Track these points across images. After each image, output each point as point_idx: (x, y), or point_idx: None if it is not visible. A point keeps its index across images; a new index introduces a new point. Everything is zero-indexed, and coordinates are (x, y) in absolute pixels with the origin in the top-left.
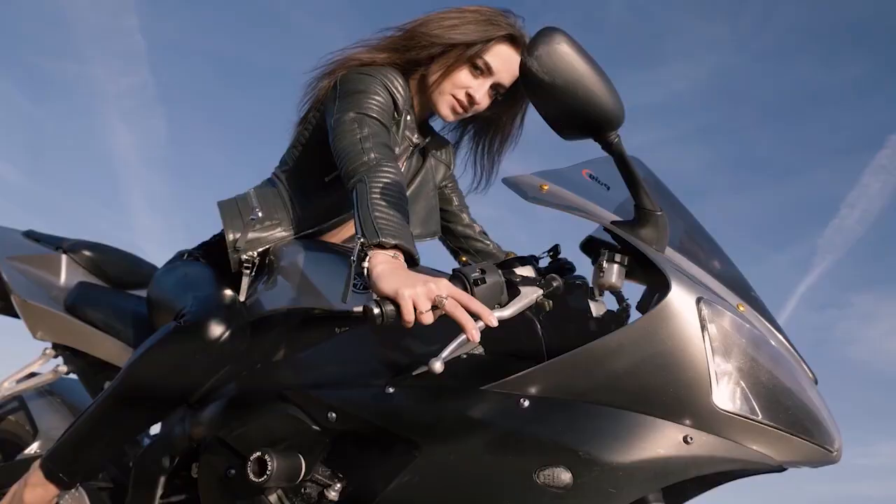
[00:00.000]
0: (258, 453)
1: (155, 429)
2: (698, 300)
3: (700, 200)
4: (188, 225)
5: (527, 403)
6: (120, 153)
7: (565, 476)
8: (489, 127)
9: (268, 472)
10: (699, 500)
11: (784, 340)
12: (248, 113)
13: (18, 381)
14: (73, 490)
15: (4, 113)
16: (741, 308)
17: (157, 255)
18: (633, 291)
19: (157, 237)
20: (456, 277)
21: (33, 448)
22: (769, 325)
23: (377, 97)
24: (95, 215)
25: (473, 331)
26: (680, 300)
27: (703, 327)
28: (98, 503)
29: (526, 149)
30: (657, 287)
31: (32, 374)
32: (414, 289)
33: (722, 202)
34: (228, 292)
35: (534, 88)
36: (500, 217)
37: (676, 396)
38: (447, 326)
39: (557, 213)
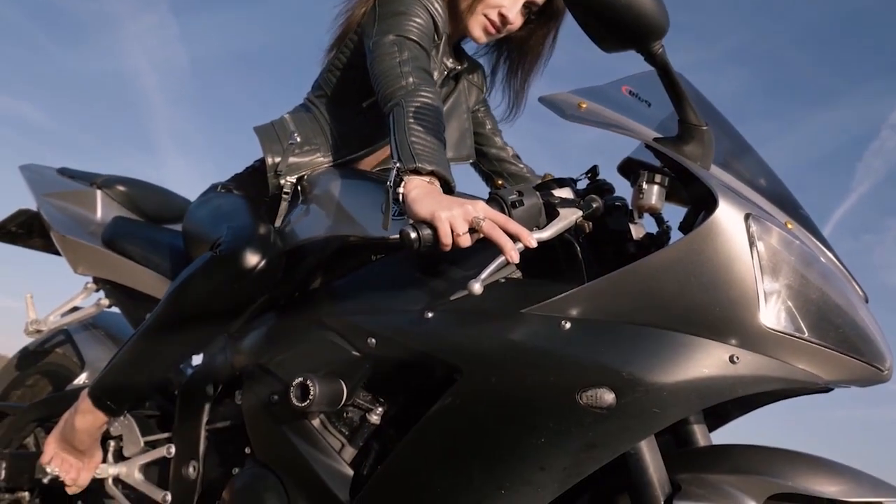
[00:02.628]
0: (300, 379)
1: (198, 359)
2: (747, 216)
3: (735, 126)
4: (216, 162)
5: (568, 325)
6: (145, 93)
7: (608, 397)
8: (520, 48)
9: (310, 397)
10: (739, 423)
11: (833, 258)
12: (271, 49)
13: (63, 315)
14: (121, 417)
15: (26, 53)
16: (790, 226)
17: (187, 193)
18: (673, 214)
19: (186, 175)
20: (493, 200)
21: (81, 378)
22: (818, 243)
23: (417, 19)
24: (124, 155)
25: (512, 251)
26: (727, 216)
27: (751, 244)
28: (146, 430)
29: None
30: (702, 205)
31: (75, 309)
32: (451, 211)
33: (757, 127)
34: (263, 222)
35: None
36: (528, 147)
37: (723, 315)
38: (485, 250)
39: (586, 142)
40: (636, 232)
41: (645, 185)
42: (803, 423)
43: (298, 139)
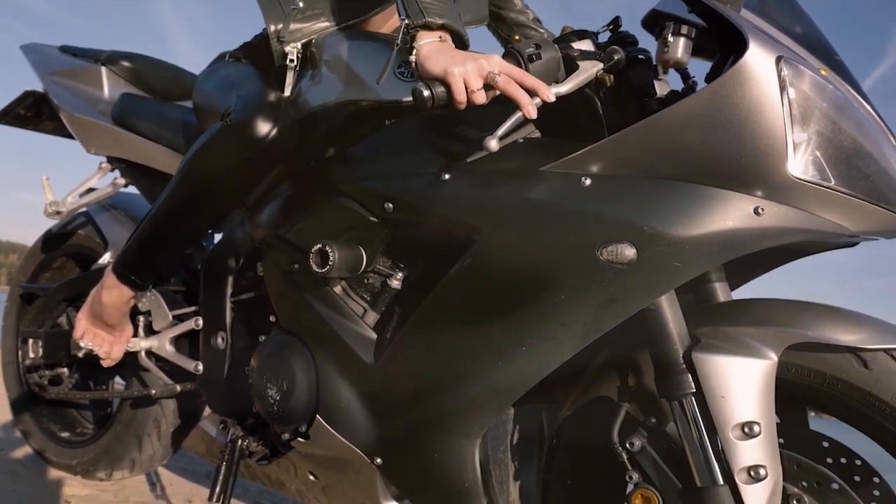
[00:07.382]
0: (319, 245)
1: (218, 235)
2: (778, 59)
3: None
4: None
5: (588, 181)
6: None
7: (629, 252)
8: None
9: (330, 263)
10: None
11: (869, 108)
12: None
13: (80, 196)
14: (148, 293)
15: None
16: (823, 72)
17: None
18: (700, 71)
19: (199, 63)
20: (509, 54)
21: (105, 258)
22: (852, 91)
23: None
24: (133, 44)
25: (529, 106)
26: (758, 60)
27: (782, 89)
28: (173, 304)
29: None
30: (731, 51)
31: (92, 190)
32: (464, 66)
33: None
34: (273, 90)
35: None
36: (550, 19)
37: (749, 166)
38: (502, 109)
39: (613, 7)
40: (660, 88)
41: (671, 38)
42: (835, 292)
43: (301, 4)
